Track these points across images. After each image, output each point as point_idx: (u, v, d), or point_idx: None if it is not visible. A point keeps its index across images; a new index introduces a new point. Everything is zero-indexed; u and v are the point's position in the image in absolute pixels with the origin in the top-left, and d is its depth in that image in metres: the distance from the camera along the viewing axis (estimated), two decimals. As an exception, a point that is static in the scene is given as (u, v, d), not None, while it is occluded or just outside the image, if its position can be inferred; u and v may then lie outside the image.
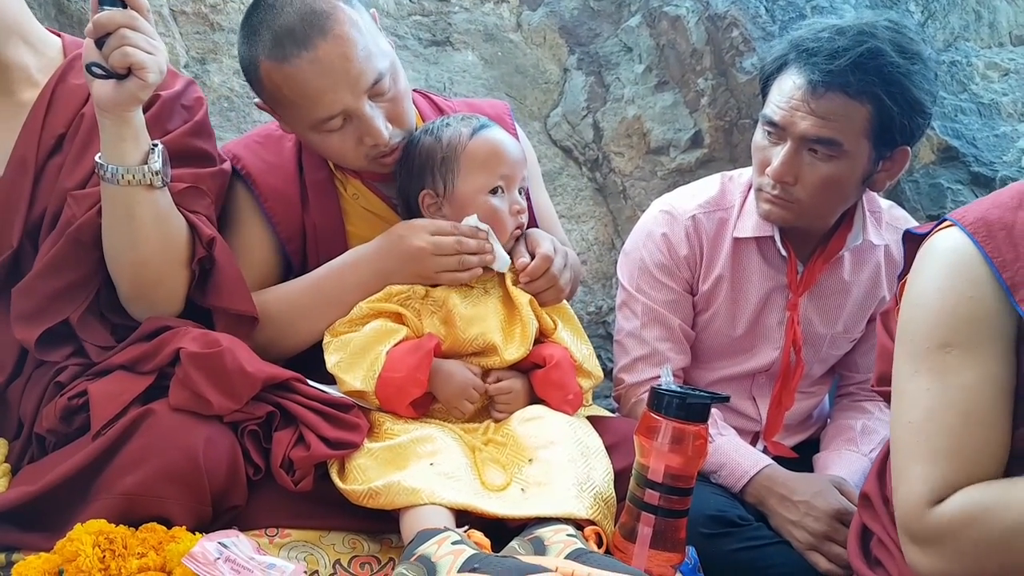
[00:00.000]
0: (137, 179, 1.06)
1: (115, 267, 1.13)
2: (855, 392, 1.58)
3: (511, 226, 1.22)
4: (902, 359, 0.94)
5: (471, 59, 2.05)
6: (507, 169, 1.21)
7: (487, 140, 1.22)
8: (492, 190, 1.21)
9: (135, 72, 1.01)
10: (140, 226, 1.09)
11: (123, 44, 0.99)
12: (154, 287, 1.14)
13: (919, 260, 0.95)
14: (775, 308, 1.46)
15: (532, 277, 1.21)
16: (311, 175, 1.31)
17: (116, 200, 1.08)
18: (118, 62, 1.00)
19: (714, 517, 1.25)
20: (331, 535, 1.06)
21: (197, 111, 1.23)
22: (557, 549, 0.92)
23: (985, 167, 1.99)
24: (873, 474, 1.07)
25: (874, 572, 1.02)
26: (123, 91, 1.02)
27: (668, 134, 2.06)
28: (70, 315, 1.12)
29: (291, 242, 1.29)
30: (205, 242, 1.15)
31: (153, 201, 1.09)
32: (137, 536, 0.93)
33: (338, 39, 1.14)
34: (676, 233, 1.44)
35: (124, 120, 1.05)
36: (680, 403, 0.99)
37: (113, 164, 1.06)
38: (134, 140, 1.07)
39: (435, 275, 1.19)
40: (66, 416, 1.06)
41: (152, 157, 1.08)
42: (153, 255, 1.11)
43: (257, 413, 1.05)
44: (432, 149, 1.23)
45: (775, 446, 1.50)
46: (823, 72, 1.24)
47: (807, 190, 1.31)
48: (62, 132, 1.16)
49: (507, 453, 1.11)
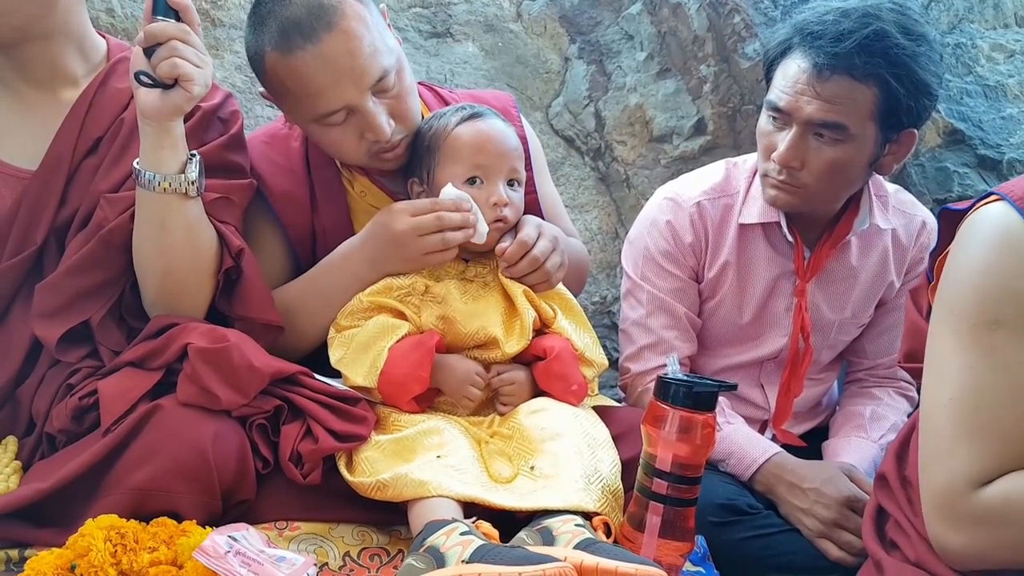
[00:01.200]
0: (173, 187, 1.08)
1: (143, 273, 1.14)
2: (864, 378, 1.58)
3: (487, 217, 1.19)
4: (943, 335, 0.91)
5: (472, 50, 2.04)
6: (484, 159, 1.19)
7: (469, 129, 1.21)
8: (469, 180, 1.20)
9: (182, 83, 1.03)
10: (171, 234, 1.10)
11: (173, 55, 1.01)
12: (180, 295, 1.15)
13: (963, 234, 0.93)
14: (782, 294, 1.46)
15: (510, 262, 1.19)
16: (319, 173, 1.31)
17: (150, 207, 1.09)
18: (166, 72, 1.02)
19: (723, 505, 1.25)
20: (340, 527, 1.06)
21: (233, 124, 1.25)
22: (565, 539, 0.92)
23: (992, 150, 1.98)
24: (891, 454, 1.06)
25: (889, 554, 1.01)
26: (168, 101, 1.04)
27: (671, 122, 2.05)
28: (91, 316, 1.13)
29: (301, 244, 1.29)
30: (234, 253, 1.16)
31: (186, 210, 1.11)
32: (148, 530, 0.93)
33: (344, 34, 1.14)
34: (680, 220, 1.44)
35: (166, 129, 1.07)
36: (687, 392, 0.99)
37: (151, 171, 1.07)
38: (173, 149, 1.08)
39: (422, 258, 1.17)
40: (77, 416, 1.07)
41: (189, 167, 1.10)
42: (181, 263, 1.12)
43: (265, 407, 1.06)
44: (423, 138, 1.24)
45: (784, 434, 1.50)
46: (828, 55, 1.23)
47: (814, 175, 1.30)
48: (100, 135, 1.17)
49: (513, 445, 1.11)
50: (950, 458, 0.88)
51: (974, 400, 0.87)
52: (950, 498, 0.87)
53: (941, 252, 0.98)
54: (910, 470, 1.01)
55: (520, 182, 1.24)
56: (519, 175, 1.24)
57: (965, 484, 0.86)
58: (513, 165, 1.22)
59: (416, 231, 1.15)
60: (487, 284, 1.22)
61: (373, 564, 1.02)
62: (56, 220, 1.15)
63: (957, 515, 0.87)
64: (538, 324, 1.22)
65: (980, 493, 0.86)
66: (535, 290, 1.22)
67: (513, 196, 1.22)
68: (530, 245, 1.19)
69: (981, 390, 0.87)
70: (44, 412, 1.11)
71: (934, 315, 0.94)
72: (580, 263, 1.45)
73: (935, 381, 0.92)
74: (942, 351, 0.91)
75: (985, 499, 0.85)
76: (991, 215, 0.91)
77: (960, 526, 0.87)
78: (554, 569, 0.82)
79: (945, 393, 0.89)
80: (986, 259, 0.89)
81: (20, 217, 1.13)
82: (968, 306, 0.89)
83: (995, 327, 0.87)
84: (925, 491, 0.91)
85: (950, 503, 0.87)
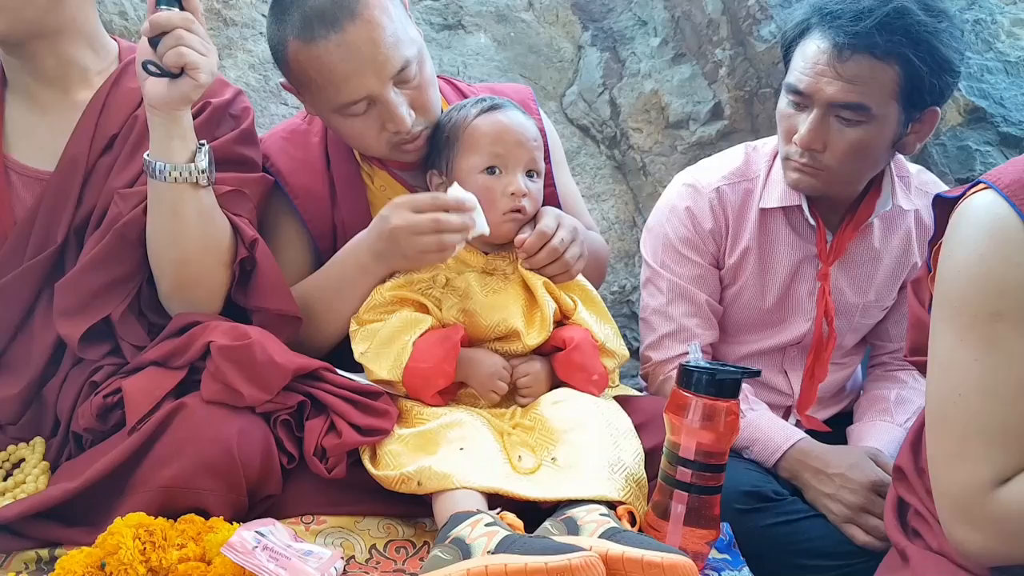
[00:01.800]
0: (183, 177, 1.09)
1: (158, 264, 1.15)
2: (888, 362, 1.56)
3: (503, 207, 1.19)
4: (945, 329, 0.90)
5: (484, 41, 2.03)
6: (502, 148, 1.19)
7: (488, 120, 1.21)
8: (488, 169, 1.19)
9: (188, 72, 1.03)
10: (184, 224, 1.11)
11: (179, 44, 1.02)
12: (195, 286, 1.15)
13: (953, 225, 0.92)
14: (805, 279, 1.44)
15: (529, 252, 1.18)
16: (338, 168, 1.31)
17: (162, 197, 1.10)
18: (173, 61, 1.03)
19: (748, 492, 1.24)
20: (366, 520, 1.06)
21: (244, 120, 1.26)
22: (591, 529, 0.92)
23: (1014, 127, 1.94)
24: (906, 446, 1.05)
25: (912, 543, 1.00)
26: (175, 90, 1.04)
27: (687, 107, 2.03)
28: (112, 312, 1.14)
29: (322, 239, 1.30)
30: (247, 243, 1.17)
31: (198, 200, 1.11)
32: (176, 528, 0.94)
33: (367, 23, 1.14)
34: (700, 206, 1.43)
35: (174, 119, 1.07)
36: (710, 379, 0.98)
37: (161, 161, 1.08)
38: (182, 139, 1.09)
39: (419, 256, 1.15)
40: (102, 414, 1.08)
41: (199, 156, 1.10)
42: (195, 253, 1.13)
43: (288, 403, 1.06)
44: (442, 130, 1.24)
45: (808, 420, 1.49)
46: (848, 34, 1.21)
47: (836, 157, 1.29)
48: (115, 133, 1.19)
49: (536, 437, 1.11)
50: (964, 459, 0.86)
51: (982, 396, 0.86)
52: (968, 500, 0.86)
53: (938, 240, 0.96)
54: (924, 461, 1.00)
55: (539, 173, 1.24)
56: (538, 166, 1.23)
57: (982, 485, 0.85)
58: (532, 156, 1.22)
59: (412, 229, 1.14)
60: (507, 277, 1.22)
61: (399, 556, 1.03)
62: (75, 219, 1.16)
63: (976, 516, 0.86)
64: (559, 316, 1.22)
65: (998, 493, 0.84)
66: (555, 281, 1.21)
67: (532, 187, 1.21)
68: (549, 236, 1.18)
69: (988, 385, 0.85)
70: (69, 411, 1.12)
71: (935, 308, 0.92)
72: (600, 255, 1.44)
73: (941, 377, 0.90)
74: (945, 345, 0.90)
75: (1004, 499, 0.84)
76: (980, 205, 0.89)
77: (980, 526, 0.86)
78: (580, 559, 0.82)
79: (953, 389, 0.88)
80: (979, 250, 0.87)
81: (40, 217, 1.15)
82: (967, 299, 0.87)
83: (996, 319, 0.85)
84: (940, 492, 0.90)
85: (968, 505, 0.86)
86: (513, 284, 1.22)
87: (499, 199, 1.18)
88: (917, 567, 0.97)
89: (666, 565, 0.84)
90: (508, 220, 1.20)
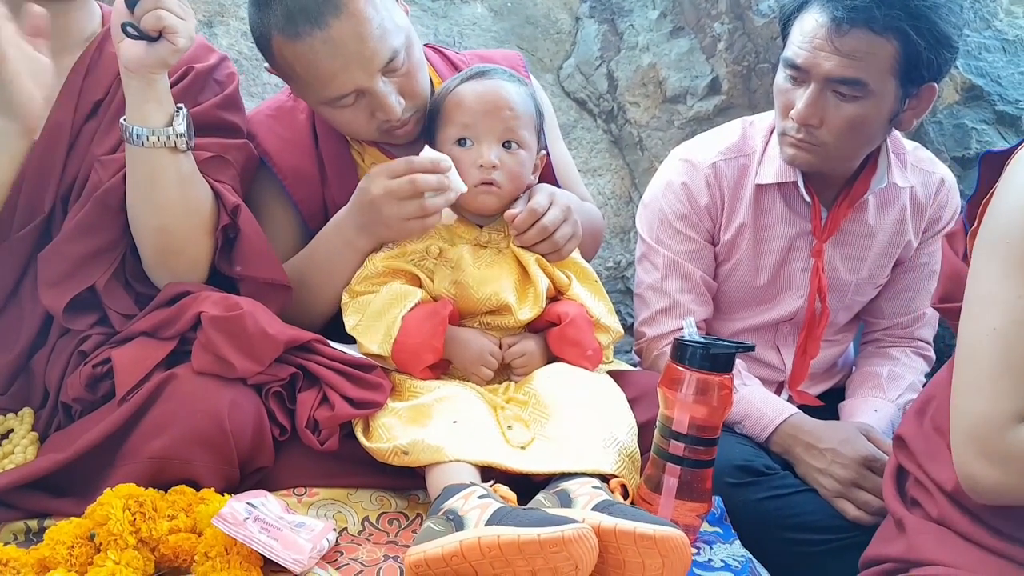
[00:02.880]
0: (161, 141, 1.07)
1: (139, 233, 1.13)
2: (881, 339, 1.56)
3: (474, 179, 1.16)
4: (989, 267, 0.89)
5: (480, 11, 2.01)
6: (469, 119, 1.17)
7: (465, 90, 1.19)
8: (459, 141, 1.18)
9: (166, 36, 1.01)
10: (163, 190, 1.09)
11: (157, 7, 1.00)
12: (177, 254, 1.14)
13: (1011, 169, 0.91)
14: (799, 255, 1.44)
15: (519, 229, 1.16)
16: (327, 147, 1.29)
17: (140, 163, 1.08)
18: (151, 24, 1.00)
19: (740, 467, 1.25)
20: (359, 493, 1.06)
21: (228, 85, 1.24)
22: (583, 501, 0.92)
23: (1010, 105, 1.94)
24: (912, 414, 1.05)
25: (911, 512, 1.01)
26: (153, 53, 1.02)
27: (685, 81, 2.01)
28: (96, 281, 1.13)
29: (313, 219, 1.28)
30: (229, 209, 1.15)
31: (177, 165, 1.09)
32: (167, 499, 0.94)
33: (352, 17, 1.11)
34: (696, 182, 1.42)
35: (150, 82, 1.05)
36: (704, 353, 0.98)
37: (137, 126, 1.06)
38: (158, 102, 1.07)
39: (403, 224, 1.14)
40: (91, 384, 1.07)
41: (176, 120, 1.08)
42: (176, 221, 1.11)
43: (280, 375, 1.06)
44: (434, 103, 1.23)
45: (800, 395, 1.49)
46: (847, 8, 1.20)
47: (833, 132, 1.28)
48: (99, 99, 1.16)
49: (529, 411, 1.11)
50: (990, 391, 0.86)
51: (1019, 331, 0.85)
52: (986, 431, 0.85)
53: (981, 197, 0.95)
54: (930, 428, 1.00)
55: (519, 143, 1.19)
56: (516, 136, 1.19)
57: (1004, 419, 0.84)
58: (508, 125, 1.18)
59: (392, 195, 1.12)
60: (501, 250, 1.21)
61: (392, 528, 1.03)
62: (60, 187, 1.14)
63: (991, 449, 0.85)
64: (552, 292, 1.21)
65: (1019, 429, 0.84)
66: (546, 259, 1.20)
67: (507, 159, 1.18)
68: (540, 214, 1.17)
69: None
70: (57, 381, 1.11)
71: (977, 248, 0.92)
72: (595, 228, 1.42)
73: (979, 310, 0.89)
74: (987, 281, 0.89)
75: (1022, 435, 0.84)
76: None
77: (994, 460, 0.85)
78: (573, 531, 0.82)
79: (989, 323, 0.87)
80: None
81: (26, 188, 1.13)
82: (1018, 236, 0.87)
83: None
84: (959, 422, 0.89)
85: (986, 436, 0.85)
86: (506, 258, 1.21)
87: (469, 170, 1.16)
88: (914, 536, 0.97)
89: (658, 537, 0.85)
90: (481, 192, 1.17)
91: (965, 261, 0.97)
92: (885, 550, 1.02)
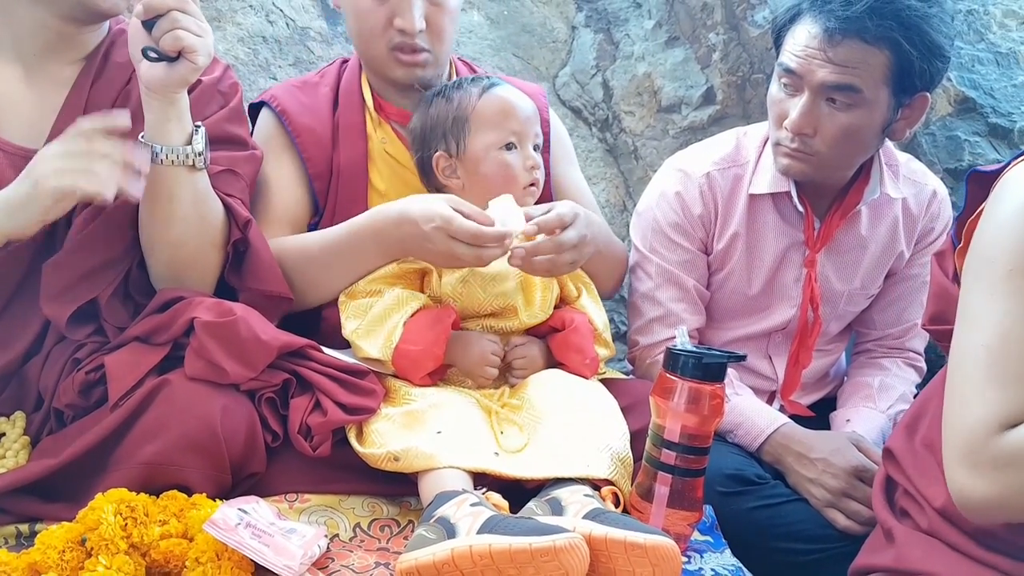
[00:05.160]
0: (180, 159, 1.08)
1: (151, 247, 1.14)
2: (872, 349, 1.57)
3: (524, 181, 1.22)
4: (977, 281, 0.91)
5: (477, 19, 2.01)
6: (518, 125, 1.21)
7: (497, 97, 1.23)
8: (505, 146, 1.21)
9: (186, 55, 1.02)
10: (179, 206, 1.10)
11: (175, 27, 1.01)
12: (189, 268, 1.15)
13: (1001, 189, 0.92)
14: (792, 265, 1.44)
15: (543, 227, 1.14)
16: (344, 115, 1.34)
17: (158, 180, 1.09)
18: (170, 45, 1.02)
19: (731, 476, 1.25)
20: (350, 499, 1.06)
21: (232, 97, 1.25)
22: (574, 510, 0.93)
23: (1003, 118, 1.95)
24: (901, 428, 1.06)
25: (901, 522, 1.01)
26: (174, 73, 1.03)
27: (679, 91, 2.02)
28: (100, 294, 1.13)
29: (319, 179, 1.31)
30: (241, 224, 1.16)
31: (193, 182, 1.11)
32: (158, 504, 0.94)
33: None
34: (690, 191, 1.42)
35: (171, 101, 1.07)
36: (696, 363, 0.99)
37: (158, 144, 1.07)
38: (179, 121, 1.08)
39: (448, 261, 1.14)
40: (84, 390, 1.07)
41: (195, 138, 1.10)
42: (190, 236, 1.12)
43: (273, 381, 1.06)
44: (444, 111, 1.24)
45: (792, 405, 1.50)
46: (839, 19, 1.21)
47: (827, 142, 1.29)
48: (107, 109, 1.15)
49: (523, 416, 1.11)
50: (977, 403, 0.86)
51: (1005, 346, 0.86)
52: (974, 442, 0.86)
53: (969, 215, 0.96)
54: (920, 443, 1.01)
55: (540, 147, 1.27)
56: (540, 139, 1.27)
57: (990, 428, 0.85)
58: (536, 130, 1.25)
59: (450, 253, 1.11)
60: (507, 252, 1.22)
61: (383, 535, 1.03)
62: None
63: (979, 459, 0.85)
64: (558, 300, 1.23)
65: (1004, 436, 0.84)
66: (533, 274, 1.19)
67: (540, 160, 1.24)
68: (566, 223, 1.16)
69: (1013, 337, 0.86)
70: (52, 387, 1.11)
71: (967, 266, 0.93)
72: (617, 262, 1.42)
73: (967, 328, 0.90)
74: (975, 300, 0.90)
75: (1009, 442, 0.84)
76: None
77: (983, 471, 0.85)
78: (564, 540, 0.82)
79: (977, 340, 0.88)
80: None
81: None
82: (1005, 254, 0.88)
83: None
84: (949, 437, 0.90)
85: (973, 447, 0.86)
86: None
87: (520, 174, 1.21)
88: (903, 546, 0.98)
89: (648, 546, 0.85)
90: (528, 193, 1.22)
91: (953, 279, 0.97)
92: (874, 560, 1.03)
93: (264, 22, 1.85)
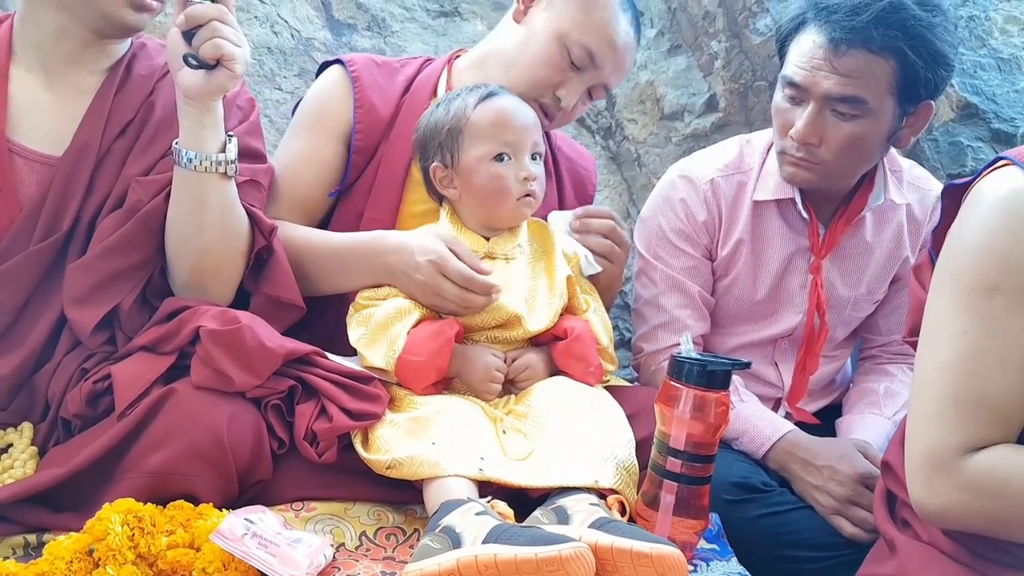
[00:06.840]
0: (213, 167, 1.10)
1: (178, 253, 1.15)
2: (878, 355, 1.57)
3: (518, 192, 1.19)
4: (941, 298, 0.91)
5: (480, 28, 2.02)
6: (512, 135, 1.19)
7: (491, 107, 1.21)
8: (497, 157, 1.19)
9: (224, 63, 1.05)
10: (209, 213, 1.12)
11: (214, 36, 1.04)
12: (214, 275, 1.16)
13: (968, 203, 0.92)
14: (797, 272, 1.45)
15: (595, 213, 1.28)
16: (410, 106, 1.35)
17: (190, 187, 1.11)
18: (210, 53, 1.04)
19: (737, 483, 1.25)
20: (356, 507, 1.06)
21: (251, 112, 1.28)
22: (580, 518, 0.93)
23: (1006, 123, 1.95)
24: (895, 442, 1.06)
25: (903, 533, 1.01)
26: (212, 81, 1.06)
27: (682, 99, 2.03)
28: (122, 300, 1.14)
29: (360, 153, 1.33)
30: (266, 232, 1.18)
31: (224, 190, 1.12)
32: (165, 514, 0.94)
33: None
34: (694, 198, 1.43)
35: (208, 108, 1.09)
36: (701, 370, 0.99)
37: (192, 151, 1.09)
38: (214, 128, 1.11)
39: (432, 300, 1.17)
40: (91, 400, 1.08)
41: (228, 147, 1.12)
42: (217, 243, 1.14)
43: (279, 388, 1.06)
44: (441, 121, 1.23)
45: (798, 412, 1.50)
46: (844, 29, 1.21)
47: (832, 151, 1.29)
48: (129, 119, 1.18)
49: (529, 424, 1.11)
50: (936, 423, 0.87)
51: (964, 365, 0.86)
52: (932, 462, 0.87)
53: (945, 229, 0.96)
54: None
55: (541, 155, 1.24)
56: (541, 148, 1.24)
57: (950, 451, 0.86)
58: (535, 139, 1.22)
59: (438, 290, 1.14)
60: (509, 261, 1.22)
61: (389, 544, 1.03)
62: (84, 207, 1.14)
63: (937, 480, 0.87)
64: (563, 310, 1.23)
65: (964, 461, 0.85)
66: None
67: (538, 171, 1.22)
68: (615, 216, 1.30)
69: (972, 355, 0.86)
70: (60, 397, 1.12)
71: (934, 281, 0.93)
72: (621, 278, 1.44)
73: (929, 345, 0.91)
74: (938, 316, 0.91)
75: (969, 469, 0.85)
76: (999, 179, 0.90)
77: (941, 491, 0.87)
78: (570, 550, 0.82)
79: (937, 357, 0.89)
80: (990, 224, 0.88)
81: (48, 203, 1.13)
82: (968, 271, 0.88)
83: (993, 293, 0.86)
84: (909, 451, 0.91)
85: (932, 467, 0.87)
86: (516, 269, 1.22)
87: (513, 185, 1.19)
88: (905, 557, 0.98)
89: (654, 556, 0.85)
90: (523, 205, 1.20)
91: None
92: (877, 570, 1.03)
93: (269, 33, 1.86)
